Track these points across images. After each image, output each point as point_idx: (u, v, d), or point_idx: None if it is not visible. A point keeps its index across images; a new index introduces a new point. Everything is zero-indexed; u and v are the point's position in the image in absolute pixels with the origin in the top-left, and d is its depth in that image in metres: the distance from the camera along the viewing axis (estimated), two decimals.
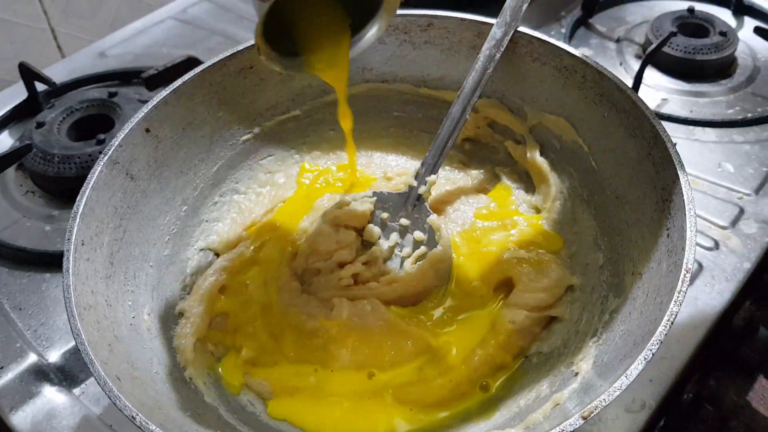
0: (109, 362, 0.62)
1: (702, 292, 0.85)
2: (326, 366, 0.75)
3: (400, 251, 0.84)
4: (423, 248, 0.83)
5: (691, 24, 1.25)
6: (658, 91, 1.17)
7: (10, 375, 0.81)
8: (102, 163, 0.74)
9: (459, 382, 0.72)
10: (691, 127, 1.09)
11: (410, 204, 0.85)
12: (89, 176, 0.73)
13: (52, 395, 0.80)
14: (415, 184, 0.85)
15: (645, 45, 1.25)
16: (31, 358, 0.82)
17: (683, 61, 1.19)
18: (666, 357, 0.78)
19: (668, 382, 0.77)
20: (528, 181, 0.90)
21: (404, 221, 0.85)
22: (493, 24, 0.83)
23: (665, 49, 1.18)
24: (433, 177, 0.84)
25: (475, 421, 0.70)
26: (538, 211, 0.87)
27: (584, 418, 0.53)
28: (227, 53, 0.85)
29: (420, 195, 0.84)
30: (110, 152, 0.75)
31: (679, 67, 1.19)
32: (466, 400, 0.72)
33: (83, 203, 0.71)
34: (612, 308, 0.71)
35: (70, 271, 0.66)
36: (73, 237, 0.68)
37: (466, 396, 0.72)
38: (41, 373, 0.81)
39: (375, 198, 0.86)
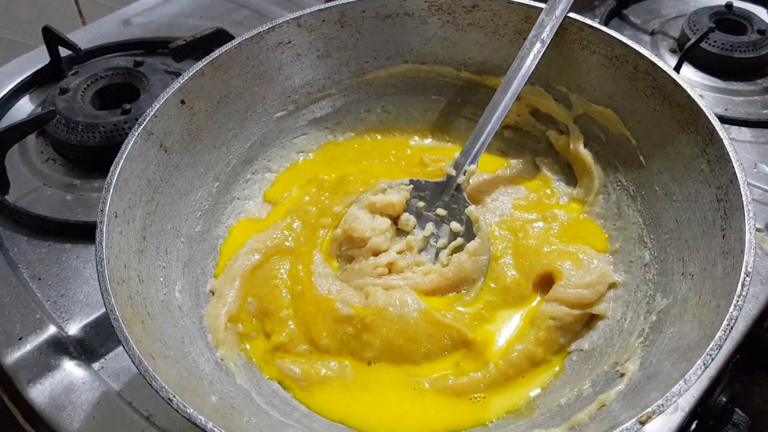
0: (143, 340, 0.60)
1: None
2: (359, 356, 0.73)
3: (436, 242, 0.82)
4: (460, 239, 0.81)
5: (729, 20, 1.22)
6: (693, 87, 1.14)
7: (28, 346, 0.79)
8: (137, 134, 0.72)
9: (497, 378, 0.71)
10: (726, 126, 1.05)
11: (448, 194, 0.83)
12: (123, 146, 0.71)
13: (71, 369, 0.78)
14: (453, 173, 0.83)
15: (680, 39, 1.22)
16: (51, 330, 0.81)
17: (719, 58, 1.16)
18: None
19: (702, 385, 0.76)
20: (569, 172, 0.88)
21: (441, 211, 0.83)
22: (541, 9, 0.81)
23: (702, 44, 1.16)
24: (472, 167, 0.82)
25: (515, 417, 0.68)
26: (579, 204, 0.85)
27: (642, 423, 0.52)
28: (265, 26, 0.83)
29: (458, 185, 0.82)
30: (145, 123, 0.73)
31: (715, 63, 1.17)
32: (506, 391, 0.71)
33: (117, 174, 0.68)
34: (660, 309, 0.69)
35: (104, 243, 0.64)
36: (107, 209, 0.66)
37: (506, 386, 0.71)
38: (60, 346, 0.80)
39: (411, 186, 0.84)
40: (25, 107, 1.11)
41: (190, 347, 0.68)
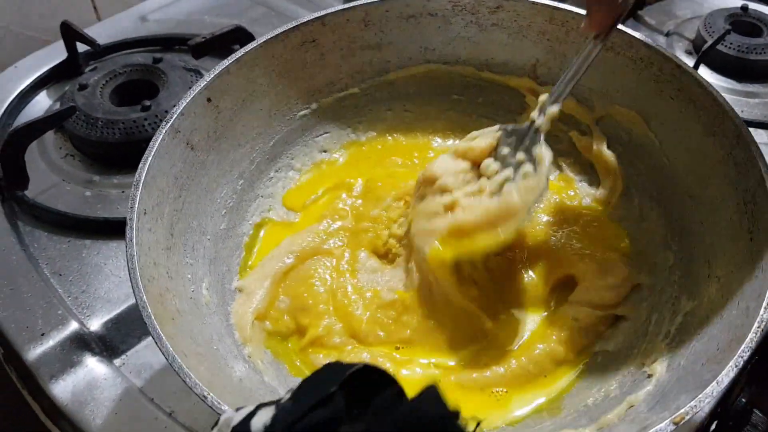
0: (174, 337, 0.60)
1: None
2: (394, 338, 0.74)
3: None
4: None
5: (745, 22, 1.22)
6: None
7: (51, 342, 0.79)
8: (164, 131, 0.72)
9: (519, 374, 0.71)
10: None
11: (529, 138, 0.76)
12: (151, 144, 0.71)
13: (93, 365, 0.78)
14: (537, 117, 0.76)
15: (696, 41, 1.22)
16: (73, 326, 0.80)
17: (736, 60, 1.16)
18: None
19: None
20: (592, 173, 0.88)
21: (520, 155, 0.76)
22: (564, 10, 0.81)
23: (718, 46, 1.16)
24: (554, 108, 0.75)
25: (540, 417, 0.68)
26: (602, 205, 0.85)
27: (676, 423, 0.52)
28: (290, 25, 0.83)
29: (537, 128, 0.76)
30: (172, 120, 0.73)
31: (731, 65, 1.17)
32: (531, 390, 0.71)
33: (146, 171, 0.68)
34: (686, 310, 0.69)
35: (134, 240, 0.64)
36: (136, 205, 0.66)
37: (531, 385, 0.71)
38: (82, 342, 0.79)
39: (500, 132, 0.78)
40: (42, 102, 1.11)
41: (218, 344, 0.68)
